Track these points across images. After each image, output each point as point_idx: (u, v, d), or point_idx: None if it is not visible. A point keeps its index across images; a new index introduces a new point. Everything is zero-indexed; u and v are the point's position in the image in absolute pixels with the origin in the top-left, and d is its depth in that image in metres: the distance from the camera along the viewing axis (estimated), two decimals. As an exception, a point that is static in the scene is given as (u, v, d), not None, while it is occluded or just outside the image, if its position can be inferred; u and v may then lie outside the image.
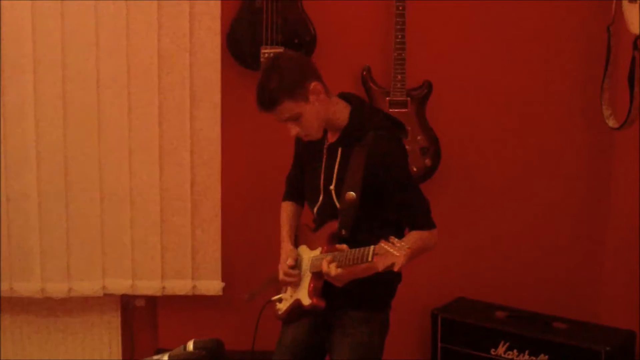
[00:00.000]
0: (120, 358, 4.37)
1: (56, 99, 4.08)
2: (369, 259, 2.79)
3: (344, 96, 3.18)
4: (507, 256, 4.40)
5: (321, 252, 3.13)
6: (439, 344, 4.15)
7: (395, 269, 2.72)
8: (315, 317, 3.22)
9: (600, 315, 4.26)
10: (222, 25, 4.05)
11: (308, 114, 3.03)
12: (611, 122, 4.04)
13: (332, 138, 3.16)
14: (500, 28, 4.23)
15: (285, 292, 3.32)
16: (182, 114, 4.12)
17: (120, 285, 4.23)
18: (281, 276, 3.27)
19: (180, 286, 4.24)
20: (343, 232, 3.05)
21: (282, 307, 3.31)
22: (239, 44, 4.04)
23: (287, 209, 3.43)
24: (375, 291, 3.16)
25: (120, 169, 4.14)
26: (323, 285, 3.12)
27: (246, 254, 4.35)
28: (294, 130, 3.07)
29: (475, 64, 4.24)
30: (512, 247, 4.40)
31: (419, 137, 4.13)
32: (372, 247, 2.79)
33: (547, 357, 3.88)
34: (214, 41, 4.06)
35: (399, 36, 4.00)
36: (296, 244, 3.32)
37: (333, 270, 2.97)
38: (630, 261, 4.18)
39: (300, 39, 4.01)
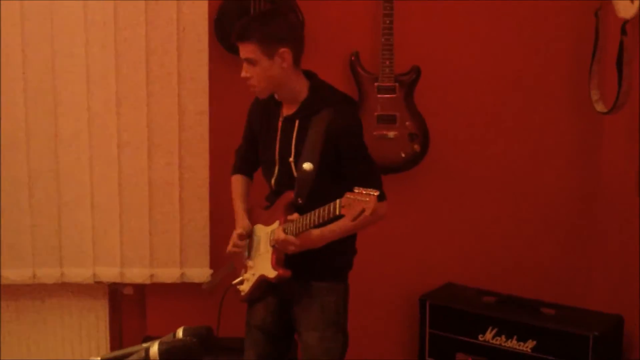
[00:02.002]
0: (109, 346, 4.35)
1: (46, 87, 4.07)
2: (337, 212, 2.87)
3: (305, 73, 3.25)
4: (495, 242, 4.41)
5: (279, 224, 3.19)
6: (427, 330, 4.16)
7: (367, 213, 2.78)
8: (279, 293, 3.28)
9: (588, 301, 4.27)
10: (210, 11, 4.03)
11: (264, 68, 3.10)
12: (599, 107, 4.05)
13: (288, 111, 3.22)
14: (489, 13, 4.22)
15: (245, 273, 3.36)
16: (170, 102, 4.10)
17: (109, 272, 4.22)
18: (229, 248, 3.36)
19: (168, 274, 4.23)
20: (299, 200, 3.11)
21: (245, 287, 3.35)
22: (226, 30, 4.00)
23: (238, 182, 3.52)
24: (335, 262, 3.25)
25: (109, 157, 4.13)
26: (285, 259, 3.19)
27: (234, 241, 4.34)
28: (246, 73, 3.15)
29: (464, 49, 4.24)
30: (500, 233, 4.40)
31: (407, 123, 4.13)
32: (337, 200, 2.86)
33: (535, 342, 3.89)
34: (201, 28, 4.04)
35: (387, 21, 3.98)
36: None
37: (275, 238, 3.10)
38: (618, 246, 4.20)
39: (288, 24, 4.00)
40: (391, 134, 4.11)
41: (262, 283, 3.27)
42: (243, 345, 3.44)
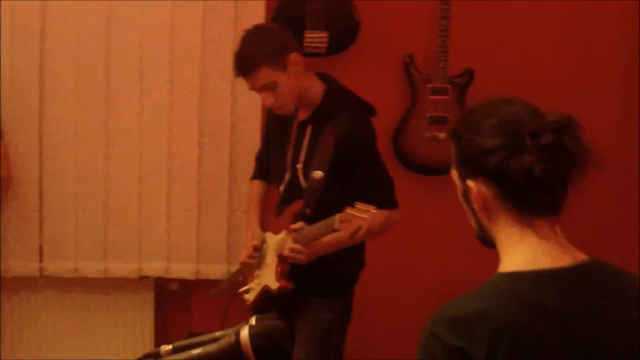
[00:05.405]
0: (153, 342, 4.35)
1: (98, 82, 4.08)
2: (336, 227, 2.81)
3: (321, 76, 3.18)
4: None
5: (286, 234, 3.14)
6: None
7: (362, 232, 2.74)
8: (282, 304, 3.21)
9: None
10: (267, 9, 4.04)
11: (284, 84, 3.03)
12: (653, 114, 4.05)
13: (303, 115, 3.17)
14: (543, 19, 4.24)
15: (252, 282, 3.34)
16: (223, 99, 4.12)
17: (155, 267, 4.23)
18: (242, 258, 3.32)
19: (214, 270, 4.23)
20: (307, 211, 3.05)
21: (250, 297, 3.32)
22: (283, 29, 4.04)
23: (255, 188, 3.49)
24: (336, 278, 3.20)
25: (158, 152, 4.14)
26: (289, 271, 3.14)
27: (281, 239, 4.35)
28: (268, 100, 3.08)
29: (517, 53, 4.25)
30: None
31: (458, 125, 4.13)
32: (337, 215, 2.80)
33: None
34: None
35: (443, 23, 4.01)
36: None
37: (286, 249, 3.02)
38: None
39: (344, 24, 4.02)
40: (443, 135, 4.11)
41: (265, 294, 3.24)
42: None
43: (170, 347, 1.82)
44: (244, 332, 1.73)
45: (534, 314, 1.62)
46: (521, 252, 1.71)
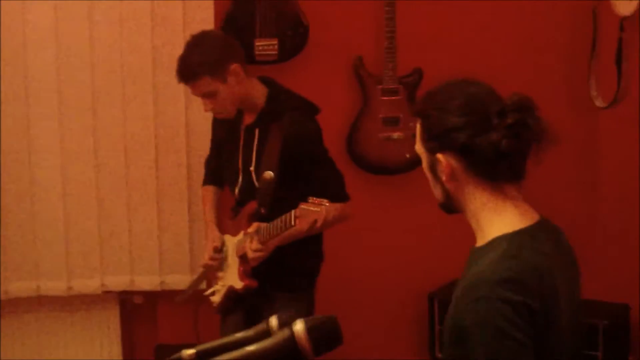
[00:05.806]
0: (121, 356, 4.35)
1: (50, 98, 4.06)
2: (292, 223, 2.89)
3: (263, 79, 3.28)
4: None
5: (244, 235, 3.23)
6: (436, 327, 4.20)
7: (318, 224, 2.83)
8: (248, 303, 3.32)
9: (591, 290, 4.32)
10: (216, 19, 4.06)
11: (223, 93, 3.15)
12: (599, 102, 4.12)
13: (249, 119, 3.28)
14: (488, 13, 4.29)
15: (217, 284, 3.42)
16: (177, 111, 4.12)
17: (119, 281, 4.22)
18: (205, 261, 3.40)
19: (179, 280, 4.22)
20: (262, 210, 3.14)
21: (217, 298, 3.41)
22: (234, 36, 4.03)
23: (209, 194, 3.56)
24: (297, 273, 3.30)
25: (116, 165, 4.14)
26: (252, 268, 3.23)
27: (243, 246, 4.36)
28: (208, 106, 3.21)
29: (463, 50, 4.29)
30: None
31: (411, 124, 4.19)
32: (292, 211, 2.88)
33: (543, 334, 3.95)
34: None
35: (389, 24, 4.04)
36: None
37: (249, 250, 3.10)
38: (621, 236, 4.27)
39: (294, 30, 4.05)
40: (396, 135, 4.17)
41: (231, 294, 3.32)
42: None
43: (193, 350, 1.81)
44: (299, 327, 1.74)
45: (548, 261, 1.92)
46: (504, 215, 1.97)
